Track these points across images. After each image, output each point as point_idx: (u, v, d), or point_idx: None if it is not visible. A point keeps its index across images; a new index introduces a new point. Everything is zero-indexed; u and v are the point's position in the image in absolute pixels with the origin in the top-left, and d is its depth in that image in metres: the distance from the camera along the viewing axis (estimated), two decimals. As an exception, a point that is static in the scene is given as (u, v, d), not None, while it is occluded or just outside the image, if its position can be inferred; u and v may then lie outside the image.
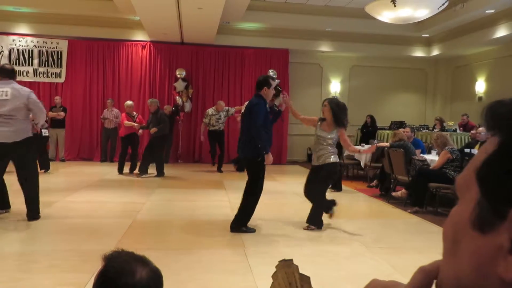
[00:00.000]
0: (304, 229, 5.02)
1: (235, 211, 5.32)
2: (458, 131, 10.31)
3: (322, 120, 5.07)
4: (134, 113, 9.55)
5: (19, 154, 4.90)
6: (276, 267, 0.86)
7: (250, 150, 4.75)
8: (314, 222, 5.05)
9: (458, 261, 0.44)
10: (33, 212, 5.01)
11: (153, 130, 8.76)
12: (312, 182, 5.02)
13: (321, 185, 5.01)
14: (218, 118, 9.87)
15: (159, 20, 9.70)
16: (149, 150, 8.95)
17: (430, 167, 6.40)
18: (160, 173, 9.01)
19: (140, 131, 9.32)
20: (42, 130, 9.06)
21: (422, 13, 7.33)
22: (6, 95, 4.80)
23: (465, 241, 0.43)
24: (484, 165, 0.42)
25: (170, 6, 8.51)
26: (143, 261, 1.10)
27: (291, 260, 0.87)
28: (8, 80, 4.93)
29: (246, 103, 5.00)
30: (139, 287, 1.05)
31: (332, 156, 4.93)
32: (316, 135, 5.03)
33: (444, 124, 10.80)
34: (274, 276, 0.86)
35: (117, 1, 9.42)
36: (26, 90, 4.99)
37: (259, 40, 12.01)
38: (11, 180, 5.35)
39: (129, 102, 9.61)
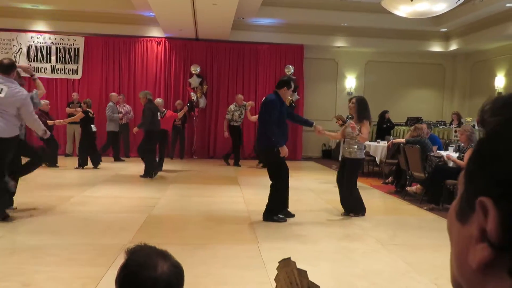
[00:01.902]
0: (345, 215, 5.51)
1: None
2: (476, 127, 10.13)
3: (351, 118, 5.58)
4: (163, 109, 9.17)
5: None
6: (277, 269, 0.86)
7: (265, 141, 5.04)
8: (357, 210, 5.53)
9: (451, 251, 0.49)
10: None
11: (135, 130, 8.20)
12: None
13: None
14: (240, 114, 10.07)
15: (174, 16, 9.74)
16: (140, 149, 8.29)
17: (456, 165, 6.22)
18: (146, 173, 8.01)
19: (135, 129, 8.57)
20: (92, 126, 9.18)
21: (440, 7, 7.20)
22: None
23: (452, 231, 0.48)
24: (469, 161, 0.47)
25: (185, 2, 8.53)
26: (164, 256, 1.12)
27: (289, 258, 0.87)
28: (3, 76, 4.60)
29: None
30: (160, 281, 1.06)
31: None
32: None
33: (462, 120, 10.61)
34: (277, 279, 0.86)
35: (133, -3, 9.48)
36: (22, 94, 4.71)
37: (274, 36, 11.96)
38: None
39: (158, 100, 9.24)
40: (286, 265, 0.84)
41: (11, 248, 3.91)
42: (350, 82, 13.15)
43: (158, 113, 8.46)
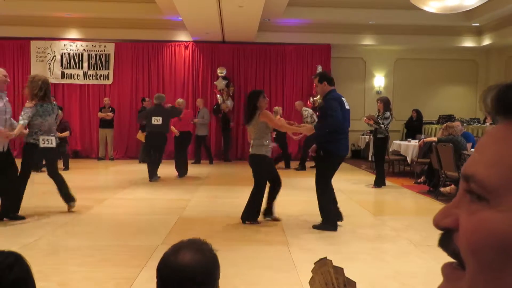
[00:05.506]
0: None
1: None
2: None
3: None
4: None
5: None
6: (312, 271, 0.84)
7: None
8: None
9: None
10: None
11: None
12: None
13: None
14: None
15: (201, 20, 9.85)
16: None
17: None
18: (151, 175, 8.03)
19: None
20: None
21: (471, 1, 6.98)
22: None
23: (502, 259, 0.39)
24: None
25: (211, 6, 8.61)
26: (198, 249, 1.17)
27: (325, 257, 0.85)
28: None
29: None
30: (178, 269, 1.11)
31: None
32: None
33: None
34: (311, 281, 0.85)
35: (160, 3, 9.65)
36: None
37: (300, 36, 11.91)
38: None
39: (179, 100, 9.41)
40: (321, 265, 0.83)
41: (48, 249, 4.04)
42: (379, 80, 12.94)
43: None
